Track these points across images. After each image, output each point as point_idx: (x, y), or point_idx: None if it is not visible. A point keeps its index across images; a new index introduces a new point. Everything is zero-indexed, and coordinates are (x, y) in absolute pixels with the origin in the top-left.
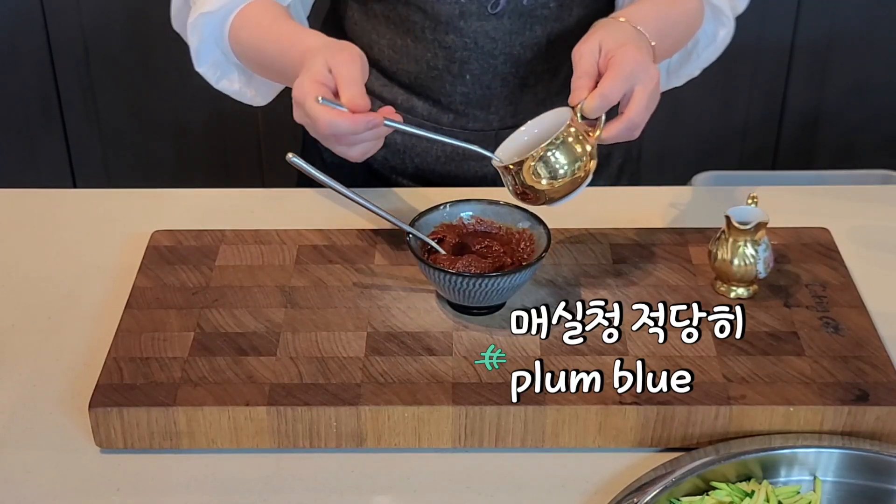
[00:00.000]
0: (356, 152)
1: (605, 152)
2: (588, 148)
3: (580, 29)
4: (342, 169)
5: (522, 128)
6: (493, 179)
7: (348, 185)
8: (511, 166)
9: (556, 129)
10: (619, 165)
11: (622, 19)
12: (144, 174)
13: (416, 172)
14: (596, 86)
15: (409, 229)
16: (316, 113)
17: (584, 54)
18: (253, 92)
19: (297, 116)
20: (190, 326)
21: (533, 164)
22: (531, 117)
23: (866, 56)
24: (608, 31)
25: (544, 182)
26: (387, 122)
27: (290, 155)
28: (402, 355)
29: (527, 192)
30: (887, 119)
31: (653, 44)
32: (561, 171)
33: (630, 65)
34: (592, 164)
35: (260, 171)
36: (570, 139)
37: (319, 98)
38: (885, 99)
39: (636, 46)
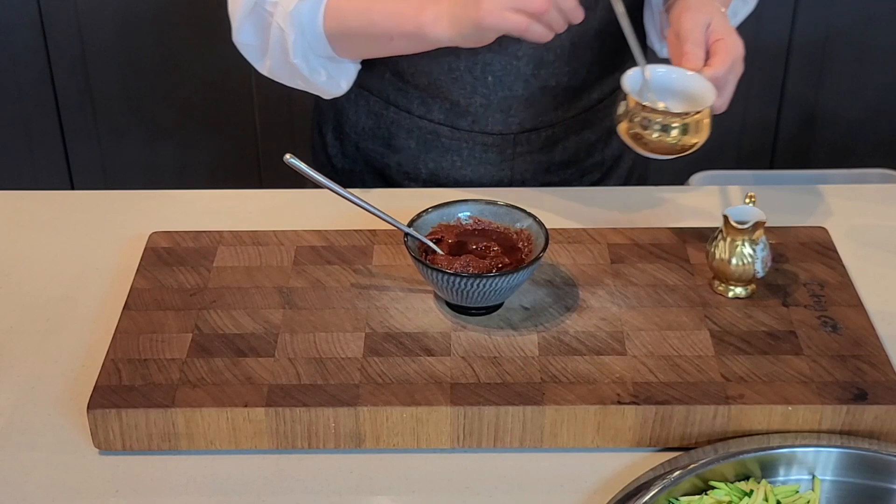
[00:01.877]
0: (540, 29)
1: (617, 154)
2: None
3: (600, 33)
4: (353, 174)
5: (665, 69)
6: (508, 183)
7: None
8: (657, 113)
9: (694, 95)
10: (629, 167)
11: None
12: (142, 175)
13: (430, 178)
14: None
15: (406, 230)
16: None
17: (699, 25)
18: (336, 81)
19: None
20: (188, 328)
21: (669, 123)
22: (549, 120)
23: (863, 55)
24: (715, 12)
25: (655, 136)
26: None
27: (287, 156)
28: (401, 356)
29: (639, 134)
30: (885, 118)
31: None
32: (676, 136)
33: (737, 54)
34: (698, 138)
35: (258, 172)
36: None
37: None
38: (882, 98)
39: (738, 36)
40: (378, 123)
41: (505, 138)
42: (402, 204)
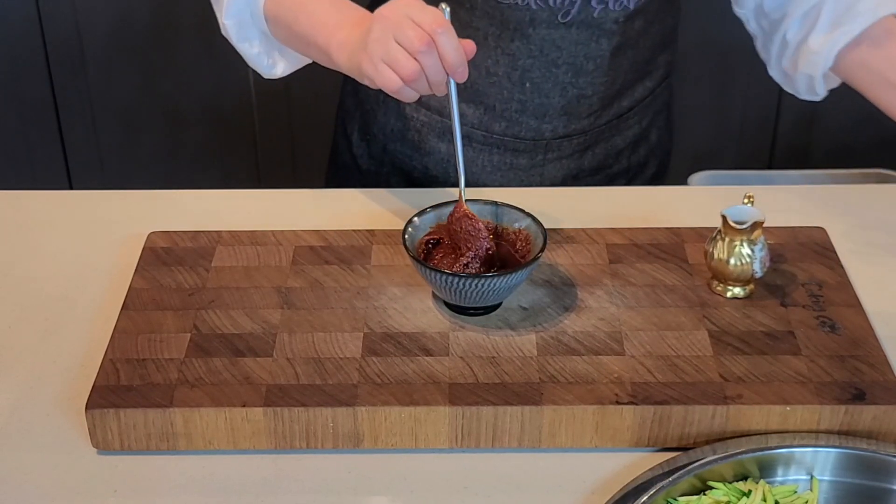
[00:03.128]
0: (410, 93)
1: (642, 161)
2: None
3: (638, 43)
4: (378, 176)
5: None
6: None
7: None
8: None
9: None
10: (652, 174)
11: None
12: (140, 176)
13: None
14: None
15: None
16: (445, 25)
17: None
18: (271, 60)
19: (399, 20)
20: (186, 328)
21: None
22: (582, 128)
23: None
24: None
25: None
26: (451, 84)
27: None
28: (399, 356)
29: None
30: (883, 118)
31: None
32: None
33: None
34: None
35: (256, 172)
36: None
37: (446, 8)
38: None
39: None
40: (408, 125)
41: (537, 144)
42: (403, 204)
